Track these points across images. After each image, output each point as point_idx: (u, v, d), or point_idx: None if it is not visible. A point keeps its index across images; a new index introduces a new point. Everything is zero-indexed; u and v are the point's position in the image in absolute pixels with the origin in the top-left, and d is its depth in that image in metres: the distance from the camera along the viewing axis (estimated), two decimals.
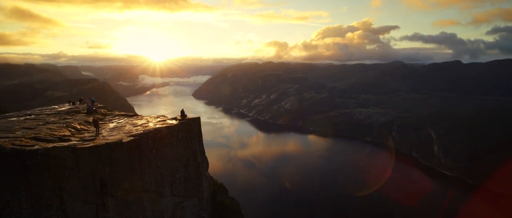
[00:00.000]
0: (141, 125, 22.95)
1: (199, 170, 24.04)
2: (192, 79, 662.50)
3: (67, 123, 22.33)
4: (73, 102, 34.58)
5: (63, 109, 29.90)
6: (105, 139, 18.74)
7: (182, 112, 25.20)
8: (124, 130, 21.49)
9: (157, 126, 21.65)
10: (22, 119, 22.92)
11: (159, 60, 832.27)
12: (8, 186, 13.96)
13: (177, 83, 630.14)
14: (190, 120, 24.14)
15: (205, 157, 27.56)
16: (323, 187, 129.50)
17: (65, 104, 33.97)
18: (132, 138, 18.92)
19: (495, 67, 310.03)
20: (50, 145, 15.95)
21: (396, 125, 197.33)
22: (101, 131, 21.53)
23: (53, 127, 20.45)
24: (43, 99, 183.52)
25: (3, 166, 14.04)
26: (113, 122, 25.39)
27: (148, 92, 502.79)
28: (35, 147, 15.27)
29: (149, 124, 23.05)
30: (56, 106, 31.88)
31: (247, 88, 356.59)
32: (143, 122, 24.01)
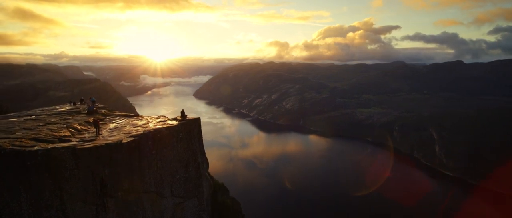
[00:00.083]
0: (141, 125, 22.98)
1: (199, 170, 24.04)
2: (193, 79, 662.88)
3: (67, 123, 22.39)
4: (74, 103, 34.69)
5: (63, 109, 29.99)
6: (105, 140, 18.79)
7: (182, 112, 25.21)
8: (124, 131, 21.53)
9: (157, 127, 21.66)
10: (22, 119, 23.00)
11: (160, 60, 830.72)
12: (8, 187, 14.02)
13: (178, 83, 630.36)
14: (190, 121, 24.15)
15: (205, 157, 27.59)
16: (324, 187, 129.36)
17: (66, 105, 34.06)
18: (132, 138, 18.95)
19: (497, 67, 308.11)
20: (50, 146, 16.00)
21: (397, 125, 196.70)
22: (101, 132, 21.58)
23: (53, 127, 20.52)
24: (45, 99, 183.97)
25: (3, 167, 14.10)
26: (113, 122, 25.45)
27: (149, 92, 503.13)
28: (35, 147, 15.32)
29: (149, 124, 23.07)
30: (57, 107, 31.98)
31: (248, 88, 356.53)
32: (143, 123, 24.04)
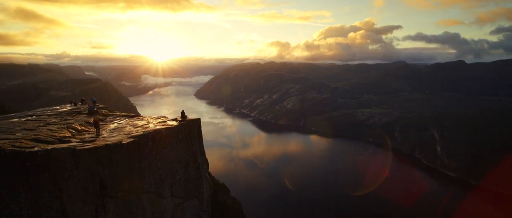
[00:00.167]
0: (141, 126, 22.99)
1: (199, 171, 24.02)
2: (194, 79, 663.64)
3: (68, 124, 22.42)
4: (75, 103, 34.75)
5: (64, 109, 30.05)
6: (105, 140, 18.79)
7: (183, 113, 25.19)
8: (124, 131, 21.54)
9: (157, 127, 21.65)
10: (23, 119, 23.04)
11: (161, 60, 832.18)
12: (7, 188, 14.03)
13: (179, 83, 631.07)
14: (190, 121, 24.13)
15: (206, 158, 27.55)
16: (325, 187, 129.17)
17: (66, 105, 34.14)
18: (132, 139, 18.95)
19: (499, 67, 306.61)
20: (50, 147, 16.00)
21: (398, 125, 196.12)
22: (102, 132, 21.60)
23: (53, 128, 20.54)
24: (46, 99, 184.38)
25: (3, 168, 14.10)
26: (114, 123, 25.48)
27: (150, 92, 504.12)
28: (35, 148, 15.33)
29: (150, 125, 23.06)
30: (57, 107, 32.04)
31: (249, 88, 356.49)
32: (143, 123, 24.05)
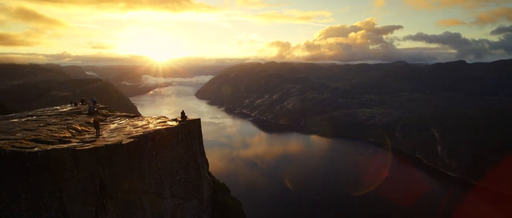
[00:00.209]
0: (141, 126, 22.99)
1: (199, 171, 24.01)
2: (195, 79, 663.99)
3: (68, 124, 22.43)
4: (75, 103, 34.78)
5: (65, 109, 30.06)
6: (105, 141, 18.79)
7: (183, 113, 25.18)
8: (124, 131, 21.54)
9: (157, 128, 21.64)
10: (23, 120, 23.06)
11: (162, 60, 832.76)
12: (7, 188, 14.03)
13: (180, 83, 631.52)
14: (190, 121, 24.11)
15: (206, 158, 27.54)
16: (325, 187, 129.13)
17: (67, 105, 34.16)
18: (131, 139, 18.94)
19: (500, 67, 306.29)
20: (50, 147, 16.00)
21: (399, 125, 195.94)
22: (102, 132, 21.60)
23: (53, 128, 20.55)
24: (47, 99, 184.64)
25: (3, 168, 14.10)
26: (114, 123, 25.48)
27: (151, 92, 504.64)
28: (34, 149, 15.33)
29: (150, 125, 23.06)
30: (58, 107, 32.05)
31: (249, 88, 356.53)
32: (143, 123, 24.04)
